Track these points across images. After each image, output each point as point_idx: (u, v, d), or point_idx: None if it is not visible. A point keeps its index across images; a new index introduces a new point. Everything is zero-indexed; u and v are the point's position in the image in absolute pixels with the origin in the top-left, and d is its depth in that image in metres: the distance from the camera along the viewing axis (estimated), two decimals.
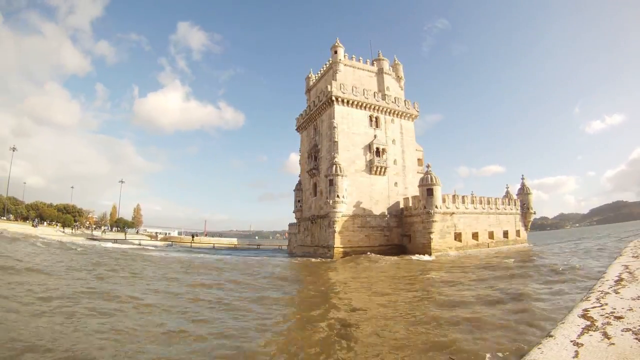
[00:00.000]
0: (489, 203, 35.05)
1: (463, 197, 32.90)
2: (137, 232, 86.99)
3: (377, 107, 35.92)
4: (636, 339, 1.88)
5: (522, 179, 40.14)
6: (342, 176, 30.78)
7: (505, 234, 36.16)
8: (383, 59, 39.21)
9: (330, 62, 37.39)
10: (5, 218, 60.65)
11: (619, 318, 2.22)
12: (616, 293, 2.87)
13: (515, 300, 10.39)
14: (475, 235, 32.98)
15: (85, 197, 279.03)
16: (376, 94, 36.34)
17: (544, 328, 7.26)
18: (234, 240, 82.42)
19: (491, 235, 34.53)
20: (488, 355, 5.95)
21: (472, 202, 33.54)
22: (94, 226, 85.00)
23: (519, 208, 38.48)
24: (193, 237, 73.75)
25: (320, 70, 40.90)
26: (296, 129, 43.60)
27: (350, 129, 34.14)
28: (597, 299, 2.76)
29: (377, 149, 34.55)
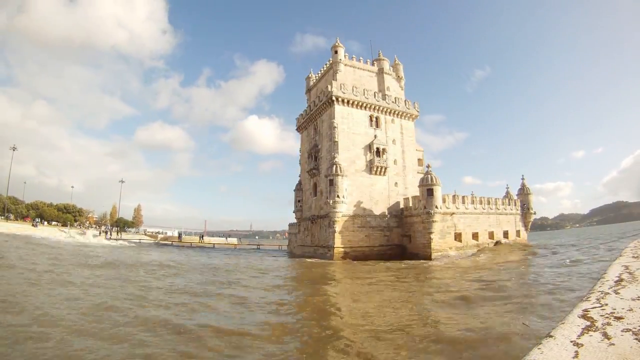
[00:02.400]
0: (489, 203, 35.02)
1: (463, 197, 32.85)
2: (137, 232, 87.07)
3: (377, 107, 35.90)
4: (636, 339, 1.88)
5: (522, 179, 40.05)
6: (342, 176, 30.79)
7: (506, 234, 36.13)
8: (383, 59, 39.18)
9: (331, 62, 37.39)
10: (4, 217, 60.70)
11: (619, 318, 2.22)
12: (616, 293, 2.87)
13: None
14: (475, 236, 32.95)
15: (109, 199, 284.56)
16: (376, 94, 36.33)
17: None
18: (235, 240, 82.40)
19: (491, 235, 34.50)
20: None
21: (472, 202, 33.50)
22: (94, 226, 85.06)
23: (519, 208, 38.45)
24: (201, 237, 73.80)
25: (320, 70, 40.91)
26: (296, 129, 43.60)
27: (350, 129, 34.13)
28: (597, 299, 2.76)
29: (378, 149, 34.54)
